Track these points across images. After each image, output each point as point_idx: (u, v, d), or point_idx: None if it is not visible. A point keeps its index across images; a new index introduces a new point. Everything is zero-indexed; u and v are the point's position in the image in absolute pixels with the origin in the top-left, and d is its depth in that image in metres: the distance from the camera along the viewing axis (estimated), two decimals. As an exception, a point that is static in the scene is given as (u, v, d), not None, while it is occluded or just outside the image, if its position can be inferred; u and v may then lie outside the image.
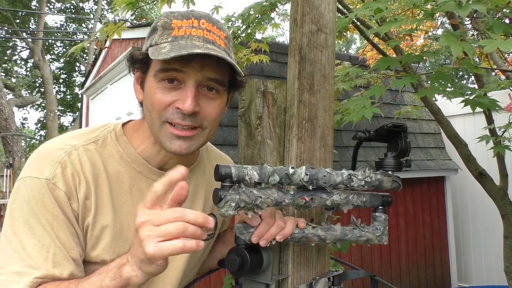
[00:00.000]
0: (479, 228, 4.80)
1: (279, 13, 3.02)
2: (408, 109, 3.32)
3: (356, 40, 21.00)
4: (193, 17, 0.86)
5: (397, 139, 0.90)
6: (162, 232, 0.66)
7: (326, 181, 0.83)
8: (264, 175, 0.77)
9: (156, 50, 0.83)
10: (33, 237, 0.81)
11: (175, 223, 0.66)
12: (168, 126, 0.86)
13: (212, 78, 0.85)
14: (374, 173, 0.89)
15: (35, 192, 0.82)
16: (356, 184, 0.86)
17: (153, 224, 0.67)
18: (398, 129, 0.89)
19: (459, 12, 1.44)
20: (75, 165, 0.86)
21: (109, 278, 0.75)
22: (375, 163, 0.94)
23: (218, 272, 1.11)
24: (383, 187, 0.89)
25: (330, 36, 1.03)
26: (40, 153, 0.88)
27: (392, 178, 0.89)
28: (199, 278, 1.11)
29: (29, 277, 0.79)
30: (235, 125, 3.67)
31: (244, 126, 1.02)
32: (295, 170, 0.80)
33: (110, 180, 0.90)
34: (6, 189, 8.68)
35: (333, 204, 0.89)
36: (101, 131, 0.95)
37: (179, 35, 0.84)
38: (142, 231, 0.68)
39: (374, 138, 0.92)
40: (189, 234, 0.66)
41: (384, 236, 0.94)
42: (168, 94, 0.85)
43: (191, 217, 0.67)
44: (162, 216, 0.67)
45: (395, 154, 0.90)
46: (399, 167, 0.90)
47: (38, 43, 14.17)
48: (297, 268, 0.95)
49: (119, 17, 3.74)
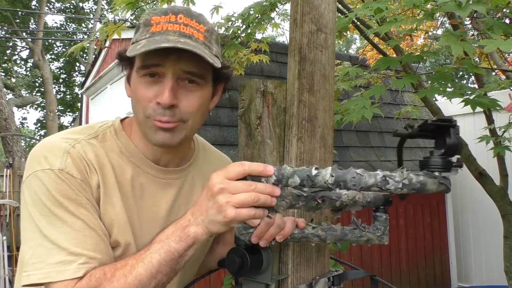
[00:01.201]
0: (479, 228, 4.80)
1: (279, 13, 3.02)
2: (408, 109, 3.32)
3: (356, 40, 21.00)
4: (171, 13, 0.87)
5: (445, 135, 0.78)
6: (241, 201, 0.72)
7: (356, 183, 0.76)
8: (282, 176, 0.75)
9: (133, 47, 0.85)
10: (64, 225, 0.81)
11: (250, 193, 0.72)
12: (152, 119, 0.88)
13: (188, 71, 0.87)
14: (416, 174, 0.79)
15: (52, 183, 0.82)
16: (393, 186, 0.77)
17: (230, 192, 0.73)
18: (446, 124, 0.77)
19: (459, 13, 1.44)
20: (81, 154, 0.87)
21: (175, 241, 0.78)
22: (419, 163, 0.83)
23: (218, 272, 1.11)
24: (426, 190, 0.79)
25: (330, 36, 1.03)
26: (44, 147, 0.88)
27: (439, 179, 0.78)
28: (199, 278, 1.11)
29: (74, 264, 0.79)
30: (235, 125, 3.67)
31: (244, 126, 1.02)
32: (319, 171, 0.75)
33: (115, 171, 0.91)
34: (6, 189, 8.68)
35: (341, 206, 0.88)
36: (100, 127, 0.96)
37: (156, 31, 0.86)
38: (221, 197, 0.73)
39: (418, 134, 0.80)
40: (260, 203, 0.73)
41: (384, 236, 0.93)
42: (149, 89, 0.87)
43: (262, 187, 0.73)
44: (239, 187, 0.73)
45: (442, 152, 0.79)
46: (447, 167, 0.78)
47: (38, 43, 14.16)
48: (297, 268, 0.95)
49: (119, 17, 3.74)
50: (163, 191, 0.99)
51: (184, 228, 0.79)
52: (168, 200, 0.99)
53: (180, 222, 0.80)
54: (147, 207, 0.96)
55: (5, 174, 7.93)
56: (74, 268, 0.79)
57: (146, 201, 0.96)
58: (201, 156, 1.10)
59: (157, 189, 0.98)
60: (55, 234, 0.80)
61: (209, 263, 1.15)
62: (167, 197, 0.99)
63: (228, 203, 0.73)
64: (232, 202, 0.72)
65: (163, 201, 0.98)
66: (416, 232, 4.75)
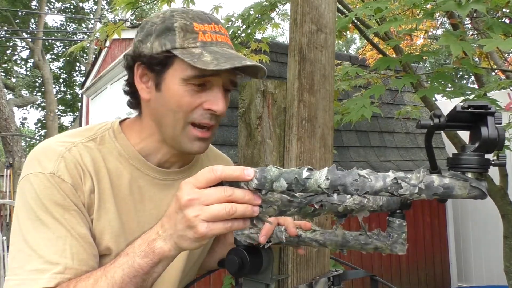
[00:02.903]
0: (479, 228, 4.80)
1: (279, 13, 3.02)
2: (408, 109, 3.32)
3: (356, 40, 21.00)
4: (212, 22, 0.89)
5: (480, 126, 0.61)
6: (214, 214, 0.64)
7: (358, 188, 0.61)
8: (265, 180, 0.63)
9: (192, 56, 0.83)
10: (47, 230, 0.80)
11: (225, 205, 0.64)
12: (191, 128, 0.88)
13: (234, 82, 0.90)
14: (439, 175, 0.63)
15: (41, 187, 0.81)
16: (408, 191, 0.61)
17: (202, 203, 0.65)
18: (481, 112, 0.60)
19: (459, 12, 1.44)
20: (77, 159, 0.86)
21: (140, 256, 0.72)
22: (446, 160, 0.66)
23: (218, 272, 1.11)
24: (454, 196, 0.62)
25: (330, 36, 1.03)
26: (40, 150, 0.87)
27: (470, 183, 0.61)
28: (199, 278, 1.11)
29: (48, 273, 0.77)
30: (235, 125, 3.67)
31: (244, 126, 1.02)
32: (312, 173, 0.62)
33: (111, 176, 0.90)
34: (6, 189, 8.68)
35: (345, 211, 0.76)
36: (98, 129, 0.95)
37: (207, 40, 0.86)
38: (190, 210, 0.65)
39: (446, 125, 0.64)
40: (238, 215, 0.65)
41: (397, 244, 0.78)
42: (197, 96, 0.87)
43: (239, 195, 0.65)
44: (211, 197, 0.64)
45: (476, 147, 0.61)
46: (483, 166, 0.61)
47: (38, 43, 14.17)
48: (297, 268, 0.95)
49: (119, 17, 3.74)
50: (163, 193, 0.98)
51: (151, 243, 0.72)
52: (169, 202, 0.98)
53: (148, 234, 0.74)
54: (148, 210, 0.95)
55: (5, 174, 7.94)
56: (47, 277, 0.77)
57: (146, 205, 0.95)
58: (203, 155, 1.10)
59: (157, 191, 0.97)
60: (37, 240, 0.79)
61: (209, 263, 1.15)
62: (168, 199, 0.98)
63: (197, 217, 0.65)
64: (202, 216, 0.64)
65: (164, 203, 0.97)
66: (416, 232, 4.75)
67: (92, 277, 0.75)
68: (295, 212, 0.73)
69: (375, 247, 0.81)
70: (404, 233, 0.78)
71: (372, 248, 0.81)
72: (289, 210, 0.72)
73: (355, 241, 0.82)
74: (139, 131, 0.95)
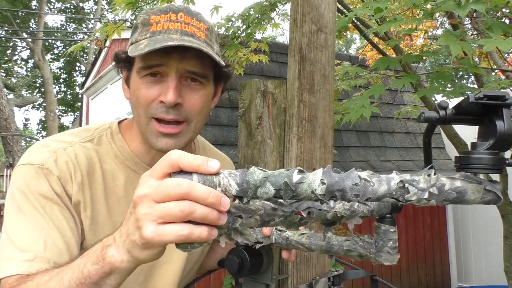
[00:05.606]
0: (479, 228, 4.80)
1: (279, 13, 3.02)
2: (408, 109, 3.32)
3: (356, 40, 21.00)
4: (170, 11, 0.86)
5: (495, 120, 0.52)
6: (163, 212, 0.50)
7: (359, 194, 0.52)
8: (248, 185, 0.51)
9: (134, 47, 0.84)
10: (24, 219, 0.80)
11: (179, 202, 0.49)
12: (154, 123, 0.85)
13: (191, 70, 0.85)
14: (450, 177, 0.54)
15: (28, 177, 0.82)
16: (415, 197, 0.53)
17: (153, 200, 0.51)
18: (495, 103, 0.51)
19: (459, 12, 1.44)
20: (70, 157, 0.86)
21: (92, 262, 0.62)
22: (454, 160, 0.56)
23: (218, 272, 1.11)
24: (466, 201, 0.54)
25: (330, 36, 1.03)
26: (35, 145, 0.89)
27: (485, 185, 0.53)
28: (198, 278, 1.11)
29: (17, 261, 0.76)
30: (235, 125, 3.67)
31: (244, 126, 1.02)
32: (304, 176, 0.52)
33: (105, 178, 0.90)
34: (6, 189, 8.68)
35: (335, 218, 0.66)
36: (96, 129, 0.95)
37: (157, 30, 0.85)
38: (140, 208, 0.52)
39: (453, 119, 0.54)
40: (197, 217, 0.49)
41: (382, 253, 0.68)
42: (152, 89, 0.85)
43: (199, 193, 0.49)
44: (163, 190, 0.50)
45: (490, 144, 0.52)
46: (497, 167, 0.52)
47: (38, 43, 14.17)
48: (297, 268, 0.95)
49: (119, 17, 3.74)
50: None
51: (104, 248, 0.61)
52: None
53: (109, 237, 0.63)
54: None
55: (5, 174, 7.93)
56: (16, 265, 0.75)
57: None
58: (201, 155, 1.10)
59: None
60: (15, 229, 0.79)
61: (209, 263, 1.15)
62: None
63: (146, 216, 0.51)
64: (150, 216, 0.51)
65: None
66: (416, 232, 4.76)
67: (48, 274, 0.71)
68: (280, 222, 0.62)
69: (358, 254, 0.72)
70: (391, 241, 0.68)
71: (356, 255, 0.72)
72: (273, 220, 0.60)
73: (339, 247, 0.74)
74: (132, 132, 0.96)
